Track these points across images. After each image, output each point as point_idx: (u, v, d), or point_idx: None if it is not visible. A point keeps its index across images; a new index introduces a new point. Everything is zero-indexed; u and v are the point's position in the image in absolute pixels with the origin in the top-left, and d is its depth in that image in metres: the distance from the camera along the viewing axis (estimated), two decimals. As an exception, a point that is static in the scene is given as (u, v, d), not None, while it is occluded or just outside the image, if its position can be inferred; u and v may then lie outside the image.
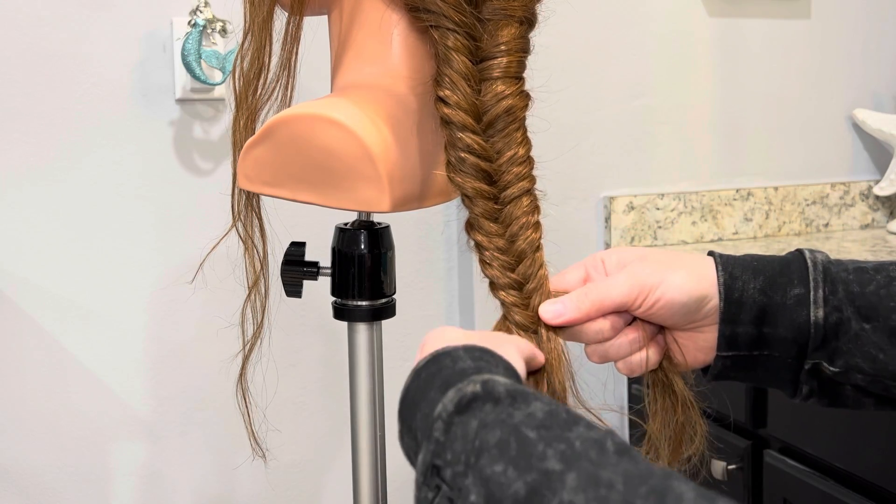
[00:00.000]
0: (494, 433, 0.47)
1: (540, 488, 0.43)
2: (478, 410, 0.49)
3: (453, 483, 0.47)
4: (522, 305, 0.68)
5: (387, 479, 0.84)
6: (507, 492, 0.44)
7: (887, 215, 1.84)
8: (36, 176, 1.33)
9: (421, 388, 0.55)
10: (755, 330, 0.66)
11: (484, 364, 0.55)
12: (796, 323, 0.65)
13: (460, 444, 0.48)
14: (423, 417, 0.53)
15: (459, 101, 0.67)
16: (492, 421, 0.48)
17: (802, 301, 0.65)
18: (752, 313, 0.66)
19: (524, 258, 0.68)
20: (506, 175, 0.68)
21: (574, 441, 0.45)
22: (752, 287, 0.66)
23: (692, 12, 1.68)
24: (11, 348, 1.35)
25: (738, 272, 0.67)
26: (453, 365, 0.55)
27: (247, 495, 1.49)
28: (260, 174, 0.73)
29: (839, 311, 0.65)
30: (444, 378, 0.54)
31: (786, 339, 0.66)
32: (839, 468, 1.19)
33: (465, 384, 0.51)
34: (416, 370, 0.57)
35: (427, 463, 0.50)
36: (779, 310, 0.66)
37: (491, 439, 0.47)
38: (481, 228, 0.68)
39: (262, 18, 0.76)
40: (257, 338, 0.84)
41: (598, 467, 0.43)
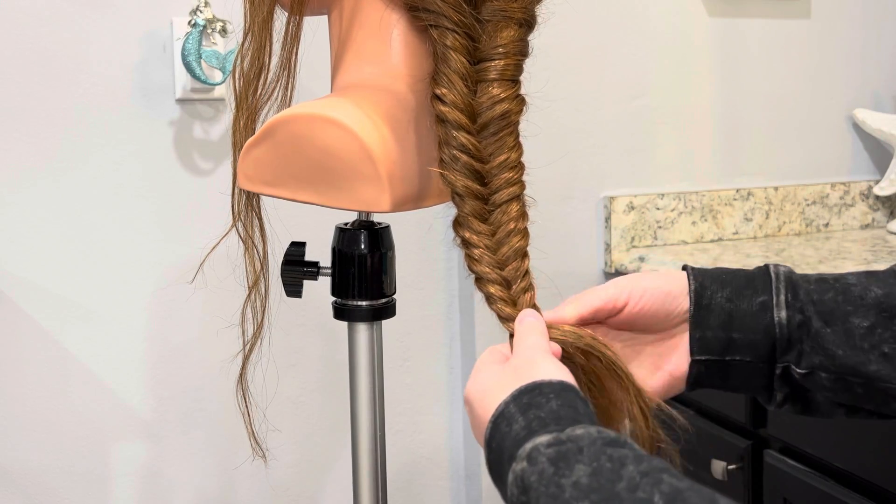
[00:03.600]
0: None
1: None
2: (532, 491, 0.52)
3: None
4: (510, 302, 0.69)
5: (387, 479, 0.84)
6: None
7: (887, 215, 1.84)
8: (36, 176, 1.33)
9: (497, 462, 0.58)
10: (724, 334, 0.69)
11: (533, 414, 0.57)
12: (762, 325, 0.68)
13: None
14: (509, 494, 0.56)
15: (455, 99, 0.67)
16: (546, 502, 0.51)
17: (766, 306, 0.69)
18: (720, 318, 0.69)
19: (509, 264, 0.69)
20: (496, 179, 0.68)
21: None
22: (719, 296, 0.70)
23: (692, 12, 1.68)
24: (11, 348, 1.35)
25: (707, 282, 0.71)
26: (509, 430, 0.57)
27: (247, 495, 1.49)
28: (260, 174, 0.73)
29: (801, 312, 0.68)
30: (507, 449, 0.56)
31: (754, 342, 0.69)
32: (839, 468, 1.19)
33: (517, 462, 0.54)
34: (487, 442, 0.59)
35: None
36: (745, 315, 0.69)
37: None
38: (469, 227, 0.69)
39: (262, 18, 0.76)
40: (257, 338, 0.84)
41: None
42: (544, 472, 0.51)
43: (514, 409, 0.57)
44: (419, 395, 1.58)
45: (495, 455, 0.58)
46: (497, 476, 0.58)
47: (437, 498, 1.62)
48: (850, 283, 0.69)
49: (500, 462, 0.57)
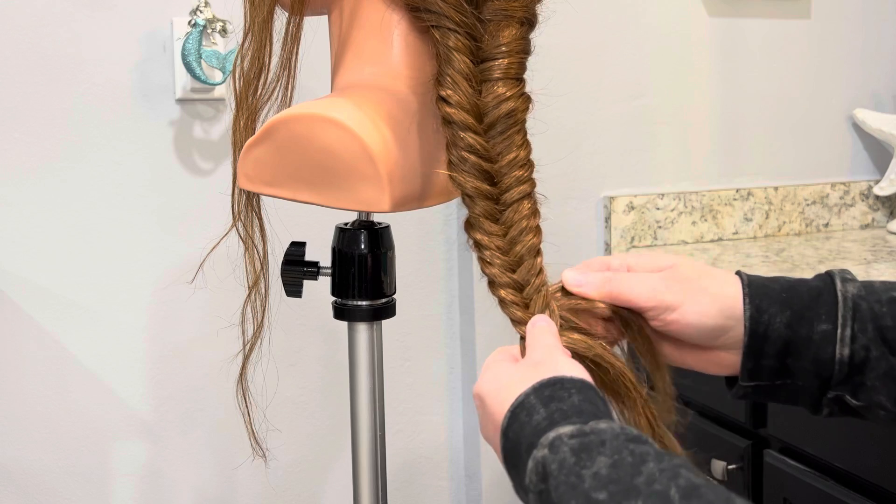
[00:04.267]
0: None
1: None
2: (552, 479, 0.52)
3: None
4: (522, 305, 0.68)
5: (387, 479, 0.84)
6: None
7: (887, 215, 1.84)
8: (36, 176, 1.33)
9: (513, 450, 0.57)
10: (778, 363, 0.66)
11: (555, 406, 0.56)
12: (821, 359, 0.65)
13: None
14: (521, 482, 0.55)
15: (461, 100, 0.67)
16: (565, 491, 0.50)
17: (829, 338, 0.64)
18: (776, 346, 0.65)
19: (523, 262, 0.68)
20: (506, 178, 0.68)
21: (639, 497, 0.47)
22: (778, 321, 0.65)
23: (692, 12, 1.68)
24: (11, 348, 1.35)
25: (765, 304, 0.66)
26: (529, 420, 0.57)
27: (247, 495, 1.49)
28: (260, 174, 0.73)
29: (867, 349, 0.64)
30: (526, 438, 0.56)
31: (809, 371, 0.65)
32: (839, 468, 1.19)
33: (538, 450, 0.54)
34: (504, 431, 0.59)
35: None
36: (804, 344, 0.65)
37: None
38: (481, 228, 0.68)
39: (262, 18, 0.76)
40: (257, 338, 0.84)
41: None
42: (565, 461, 0.51)
43: (536, 401, 0.57)
44: (419, 395, 1.58)
45: (512, 444, 0.57)
46: (513, 465, 0.58)
47: (437, 498, 1.62)
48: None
49: (516, 451, 0.57)
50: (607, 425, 0.53)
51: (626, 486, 0.48)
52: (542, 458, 0.53)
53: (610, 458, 0.50)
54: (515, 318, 0.68)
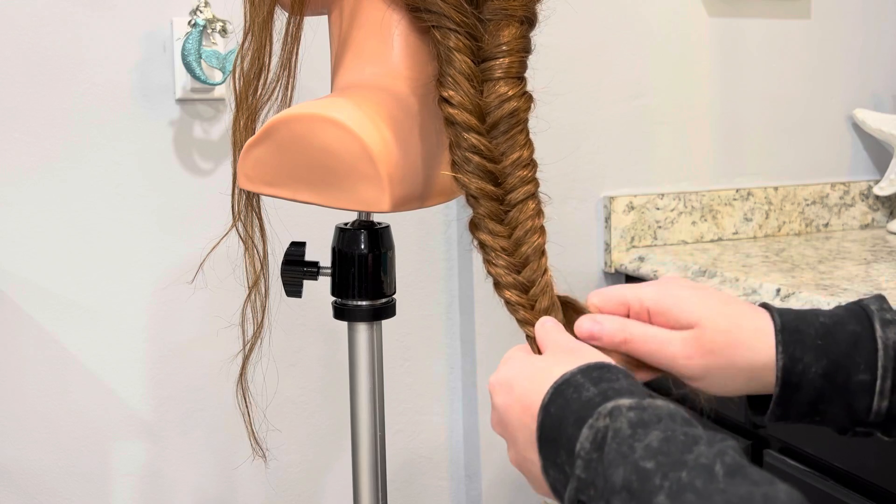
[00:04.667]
0: (619, 472, 0.49)
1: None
2: (606, 447, 0.51)
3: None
4: (528, 306, 0.68)
5: (387, 479, 0.84)
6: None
7: (887, 215, 1.84)
8: (36, 176, 1.33)
9: (555, 425, 0.56)
10: (810, 408, 0.64)
11: (606, 385, 0.56)
12: (856, 408, 0.63)
13: (601, 481, 0.50)
14: (565, 454, 0.54)
15: (463, 101, 0.67)
16: (615, 458, 0.50)
17: (866, 389, 0.62)
18: (809, 396, 0.63)
19: (529, 263, 0.68)
20: (511, 178, 0.68)
21: (685, 469, 0.47)
22: (813, 371, 0.62)
23: (692, 12, 1.68)
24: (11, 348, 1.35)
25: (799, 352, 0.62)
26: (578, 396, 0.56)
27: (247, 495, 1.49)
28: (260, 174, 0.73)
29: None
30: (574, 412, 0.55)
31: (839, 417, 0.64)
32: (839, 468, 1.19)
33: (595, 419, 0.53)
34: (545, 406, 0.58)
35: (573, 499, 0.52)
36: (839, 393, 0.62)
37: (617, 480, 0.49)
38: (486, 228, 0.68)
39: (262, 18, 0.76)
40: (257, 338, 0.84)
41: (701, 500, 0.45)
42: (620, 431, 0.51)
43: (584, 379, 0.57)
44: (419, 395, 1.58)
45: (553, 420, 0.56)
46: (550, 440, 0.57)
47: (437, 498, 1.62)
48: None
49: (558, 426, 0.56)
50: (664, 403, 0.53)
51: (675, 459, 0.48)
52: (604, 427, 0.52)
53: (663, 433, 0.50)
54: (522, 319, 0.68)
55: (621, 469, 0.49)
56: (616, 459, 0.50)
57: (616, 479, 0.49)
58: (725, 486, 0.45)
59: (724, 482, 0.46)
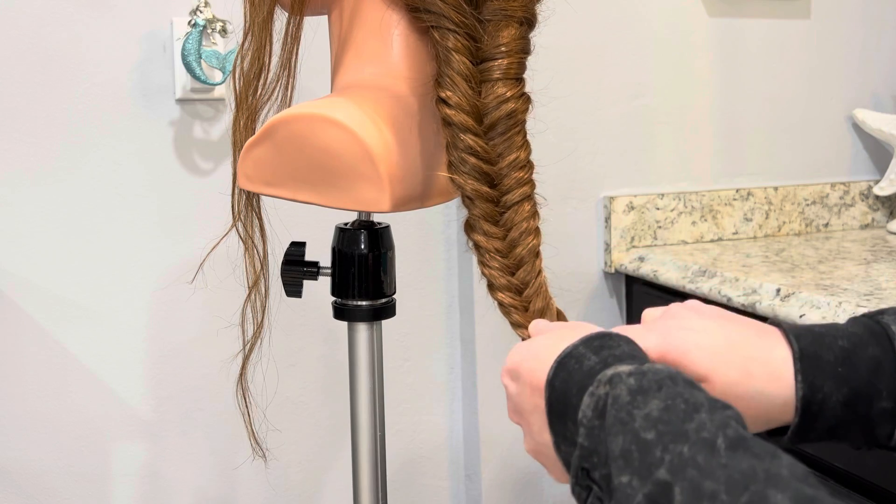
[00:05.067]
0: (618, 440, 0.49)
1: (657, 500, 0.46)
2: (607, 414, 0.51)
3: (602, 483, 0.50)
4: (522, 308, 0.68)
5: (387, 479, 0.84)
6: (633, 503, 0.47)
7: (887, 215, 1.84)
8: (36, 176, 1.33)
9: (560, 399, 0.56)
10: (829, 434, 0.62)
11: (607, 353, 0.56)
12: (876, 434, 0.61)
13: (603, 448, 0.50)
14: (572, 425, 0.55)
15: (460, 101, 0.67)
16: (614, 424, 0.50)
17: (888, 417, 0.60)
18: (828, 423, 0.61)
19: (524, 264, 0.68)
20: (507, 179, 0.68)
21: (686, 443, 0.47)
22: (833, 399, 0.60)
23: (692, 12, 1.68)
24: (11, 348, 1.35)
25: (819, 381, 0.60)
26: (580, 366, 0.56)
27: (247, 495, 1.49)
28: (260, 174, 0.73)
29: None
30: (577, 382, 0.55)
31: (859, 439, 0.62)
32: (839, 468, 1.19)
33: (595, 387, 0.53)
34: (549, 381, 0.57)
35: (577, 466, 0.52)
36: (860, 420, 0.60)
37: (616, 447, 0.49)
38: (480, 230, 0.68)
39: (262, 18, 0.76)
40: (257, 338, 0.84)
41: (703, 476, 0.45)
42: (619, 398, 0.51)
43: (585, 350, 0.57)
44: (419, 395, 1.58)
45: (558, 393, 0.56)
46: (559, 415, 0.56)
47: (437, 498, 1.62)
48: None
49: (564, 399, 0.56)
50: (664, 367, 0.53)
51: (676, 429, 0.48)
52: (604, 395, 0.52)
53: (663, 402, 0.50)
54: (515, 322, 0.68)
55: (621, 438, 0.49)
56: (615, 426, 0.50)
57: (615, 446, 0.49)
58: (727, 461, 0.45)
59: (725, 456, 0.45)
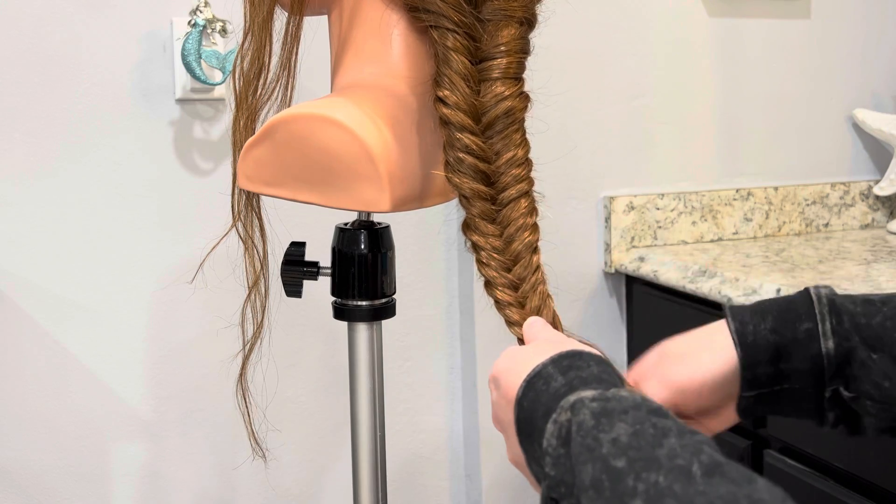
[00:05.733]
0: (587, 469, 0.48)
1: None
2: (572, 441, 0.51)
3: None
4: (518, 305, 0.68)
5: (387, 479, 0.84)
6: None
7: (887, 215, 1.84)
8: (36, 176, 1.33)
9: (528, 419, 0.56)
10: (773, 368, 0.67)
11: (574, 374, 0.56)
12: (810, 355, 0.66)
13: (570, 478, 0.50)
14: (538, 448, 0.54)
15: (458, 101, 0.67)
16: (581, 452, 0.49)
17: (812, 334, 0.66)
18: (767, 353, 0.66)
19: (520, 260, 0.68)
20: (504, 177, 0.68)
21: (660, 471, 0.46)
22: (762, 328, 0.67)
23: (692, 12, 1.68)
24: (11, 348, 1.35)
25: (746, 317, 0.67)
26: (546, 387, 0.56)
27: (247, 495, 1.49)
28: (260, 174, 0.73)
29: (847, 339, 0.66)
30: (543, 405, 0.55)
31: (803, 370, 0.66)
32: (839, 468, 1.19)
33: (558, 413, 0.53)
34: (518, 400, 0.58)
35: (545, 497, 0.52)
36: (792, 345, 0.66)
37: (586, 478, 0.48)
38: (478, 229, 0.68)
39: (262, 18, 0.76)
40: (257, 338, 0.84)
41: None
42: (584, 424, 0.51)
43: (553, 370, 0.57)
44: (419, 395, 1.58)
45: (527, 413, 0.57)
46: (527, 435, 0.57)
47: (437, 498, 1.62)
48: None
49: (531, 419, 0.56)
50: (629, 394, 0.53)
51: (647, 456, 0.47)
52: (566, 422, 0.52)
53: (631, 426, 0.49)
54: (510, 321, 0.68)
55: (590, 466, 0.48)
56: (583, 454, 0.49)
57: (584, 476, 0.48)
58: (705, 489, 0.44)
59: (703, 483, 0.44)
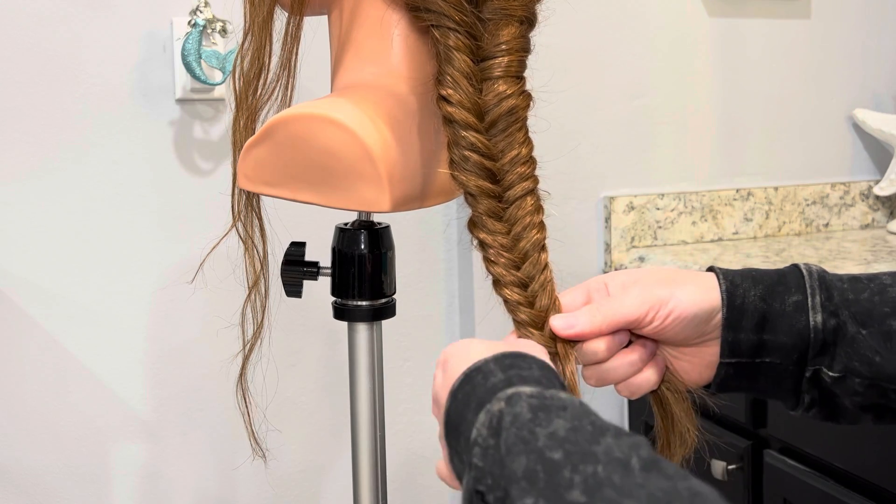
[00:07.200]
0: (520, 460, 0.47)
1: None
2: (504, 432, 0.49)
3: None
4: (527, 304, 0.68)
5: (387, 479, 0.84)
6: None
7: (887, 215, 1.84)
8: (36, 176, 1.33)
9: (459, 411, 0.56)
10: (756, 336, 0.67)
11: (514, 373, 0.55)
12: (796, 329, 0.66)
13: (497, 470, 0.48)
14: (465, 441, 0.53)
15: (462, 99, 0.67)
16: (515, 444, 0.48)
17: (801, 307, 0.66)
18: (753, 320, 0.67)
19: (528, 258, 0.68)
20: (509, 175, 0.68)
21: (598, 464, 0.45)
22: (752, 294, 0.67)
23: (692, 12, 1.68)
24: (11, 348, 1.35)
25: (738, 280, 0.68)
26: (485, 382, 0.55)
27: (247, 495, 1.49)
28: (260, 174, 0.73)
29: (836, 315, 0.66)
30: (477, 397, 0.54)
31: (786, 345, 0.67)
32: (839, 468, 1.19)
33: (492, 404, 0.52)
34: (453, 391, 0.57)
35: (470, 490, 0.50)
36: (779, 316, 0.67)
37: (518, 468, 0.47)
38: (485, 227, 0.68)
39: (262, 18, 0.76)
40: (257, 338, 0.84)
41: (622, 495, 0.43)
42: (520, 416, 0.50)
43: (495, 367, 0.56)
44: (419, 395, 1.58)
45: (459, 405, 0.56)
46: (453, 428, 0.56)
47: (437, 498, 1.62)
48: (887, 283, 0.67)
49: (462, 412, 0.55)
50: (568, 396, 0.52)
51: (585, 450, 0.46)
52: (499, 412, 0.51)
53: (569, 422, 0.49)
54: (519, 321, 0.68)
55: (524, 458, 0.47)
56: (516, 445, 0.48)
57: (517, 467, 0.47)
58: (643, 481, 0.44)
59: (641, 476, 0.44)
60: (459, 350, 0.61)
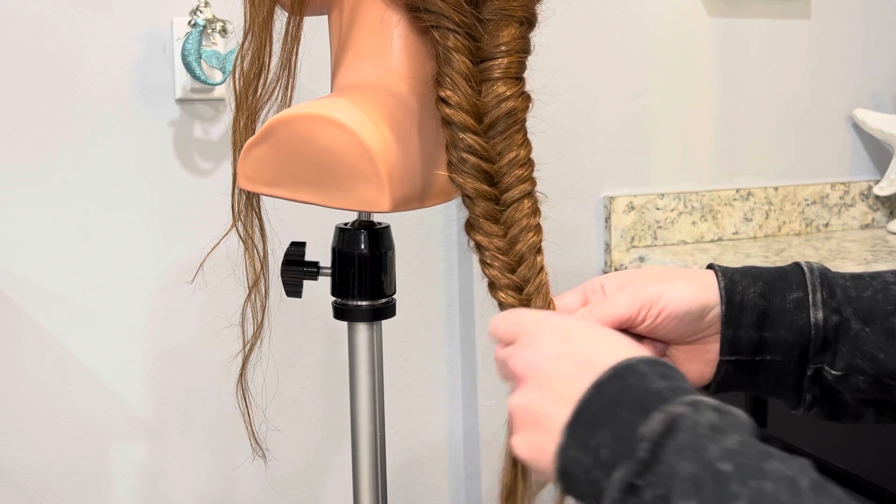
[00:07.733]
0: (688, 465, 0.47)
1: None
2: (682, 434, 0.49)
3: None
4: (522, 307, 0.68)
5: (387, 480, 0.84)
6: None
7: (887, 215, 1.84)
8: (36, 176, 1.33)
9: (607, 406, 0.53)
10: (756, 334, 0.67)
11: (675, 383, 0.54)
12: (797, 326, 0.66)
13: (664, 468, 0.48)
14: (615, 437, 0.52)
15: (460, 101, 0.67)
16: (685, 449, 0.48)
17: (802, 304, 0.66)
18: (753, 317, 0.67)
19: (524, 261, 0.68)
20: (507, 177, 0.68)
21: (766, 480, 0.45)
22: (752, 291, 0.67)
23: (692, 12, 1.68)
24: (11, 348, 1.35)
25: (737, 278, 0.68)
26: (642, 383, 0.53)
27: (247, 495, 1.49)
28: (260, 174, 0.73)
29: (838, 312, 0.66)
30: (636, 399, 0.53)
31: (787, 342, 0.66)
32: (839, 468, 1.19)
33: (673, 406, 0.51)
34: (599, 384, 0.54)
35: (626, 481, 0.49)
36: (779, 313, 0.67)
37: (684, 471, 0.47)
38: (481, 229, 0.68)
39: (262, 18, 0.76)
40: (257, 338, 0.84)
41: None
42: (699, 425, 0.49)
43: (649, 370, 0.54)
44: (419, 395, 1.58)
45: (606, 399, 0.53)
46: (591, 419, 0.53)
47: (437, 498, 1.62)
48: (889, 281, 0.67)
49: (611, 407, 0.53)
50: (742, 413, 0.52)
51: (754, 465, 0.46)
52: (678, 415, 0.50)
53: (742, 437, 0.48)
54: None
55: (692, 463, 0.47)
56: (686, 451, 0.48)
57: (683, 469, 0.47)
58: (812, 503, 0.44)
59: (809, 498, 0.44)
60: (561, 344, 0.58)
